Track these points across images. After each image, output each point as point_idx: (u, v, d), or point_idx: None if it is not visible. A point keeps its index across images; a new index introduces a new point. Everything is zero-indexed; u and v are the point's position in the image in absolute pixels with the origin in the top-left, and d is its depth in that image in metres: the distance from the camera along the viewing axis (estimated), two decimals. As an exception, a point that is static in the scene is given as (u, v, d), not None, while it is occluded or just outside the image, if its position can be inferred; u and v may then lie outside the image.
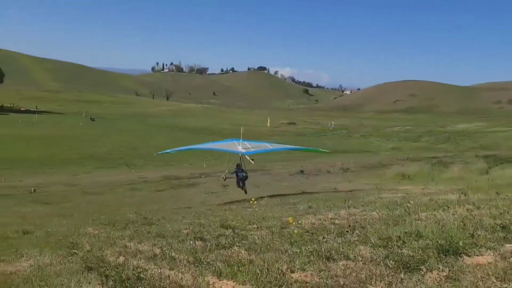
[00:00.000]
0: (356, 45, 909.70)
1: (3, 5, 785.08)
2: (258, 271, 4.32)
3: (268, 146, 22.64)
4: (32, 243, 7.59)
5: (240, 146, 19.60)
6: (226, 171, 19.29)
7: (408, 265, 4.31)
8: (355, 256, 4.79)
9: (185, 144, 31.11)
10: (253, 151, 19.94)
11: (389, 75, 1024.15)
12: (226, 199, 19.72)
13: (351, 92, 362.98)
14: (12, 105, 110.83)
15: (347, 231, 6.48)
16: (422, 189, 17.17)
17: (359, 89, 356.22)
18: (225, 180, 19.99)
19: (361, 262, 4.56)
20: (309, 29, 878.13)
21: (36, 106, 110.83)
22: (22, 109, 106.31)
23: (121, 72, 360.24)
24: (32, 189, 24.29)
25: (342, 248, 5.15)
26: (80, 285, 4.24)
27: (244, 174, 18.96)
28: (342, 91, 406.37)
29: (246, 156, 19.26)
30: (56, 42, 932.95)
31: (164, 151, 25.90)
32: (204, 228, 8.18)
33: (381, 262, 4.48)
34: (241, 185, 19.09)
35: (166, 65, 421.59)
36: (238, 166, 19.24)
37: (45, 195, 22.64)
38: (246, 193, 19.03)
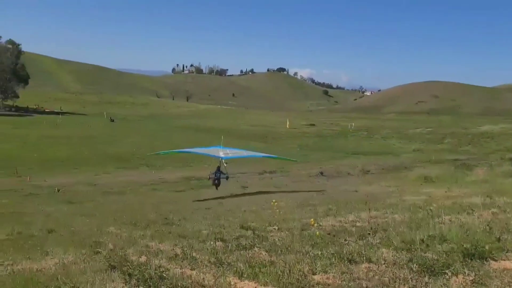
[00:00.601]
0: (377, 46, 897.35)
1: (28, 8, 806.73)
2: (279, 272, 4.32)
3: (244, 153, 26.55)
4: (56, 241, 7.76)
5: (221, 152, 22.97)
6: (210, 172, 22.64)
7: (433, 269, 4.23)
8: (377, 259, 4.74)
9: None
10: (230, 157, 23.62)
11: (411, 76, 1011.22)
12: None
13: (371, 93, 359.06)
14: (36, 106, 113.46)
15: (369, 234, 6.41)
16: (445, 192, 16.83)
17: (379, 90, 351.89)
18: (209, 179, 22.65)
19: (384, 265, 4.50)
20: (328, 29, 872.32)
21: (60, 107, 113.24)
22: (46, 110, 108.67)
23: (142, 74, 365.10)
24: (56, 188, 24.80)
25: (364, 251, 5.10)
26: (104, 283, 4.30)
27: (222, 176, 21.95)
28: (363, 92, 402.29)
29: (222, 160, 22.54)
30: (79, 44, 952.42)
31: (156, 153, 30.14)
32: (224, 229, 8.21)
33: (405, 265, 4.42)
34: (215, 183, 21.96)
35: (186, 66, 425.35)
36: (218, 168, 22.21)
37: (69, 195, 23.08)
38: (217, 189, 22.14)
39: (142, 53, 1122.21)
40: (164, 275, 4.46)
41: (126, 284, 4.27)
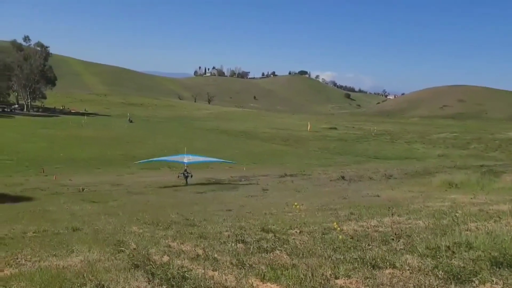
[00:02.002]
0: (400, 49, 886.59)
1: (56, 11, 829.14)
2: (302, 275, 4.29)
3: (200, 158, 34.19)
4: (81, 239, 7.91)
5: (185, 159, 31.56)
6: (179, 173, 29.90)
7: (459, 276, 4.14)
8: (401, 265, 4.66)
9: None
10: (191, 162, 31.78)
11: (436, 80, 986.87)
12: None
13: (395, 97, 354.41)
14: (63, 107, 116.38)
15: (392, 239, 6.31)
16: (471, 198, 16.42)
17: (403, 94, 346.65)
18: (178, 177, 29.55)
19: (408, 271, 4.42)
20: (351, 33, 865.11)
21: (85, 109, 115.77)
22: (72, 111, 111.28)
23: (165, 76, 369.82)
24: (81, 188, 25.35)
25: (388, 256, 5.02)
26: (128, 281, 4.36)
27: (190, 174, 29.68)
28: (386, 96, 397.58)
29: (186, 165, 30.67)
30: (105, 47, 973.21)
31: (141, 161, 35.56)
32: (245, 231, 8.21)
33: (430, 272, 4.33)
34: (186, 180, 29.34)
35: (208, 69, 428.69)
36: (185, 170, 29.89)
37: (93, 194, 23.55)
38: (187, 184, 28.99)
39: (165, 56, 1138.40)
40: (187, 275, 4.49)
41: (149, 283, 4.32)
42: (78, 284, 4.33)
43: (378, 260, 4.89)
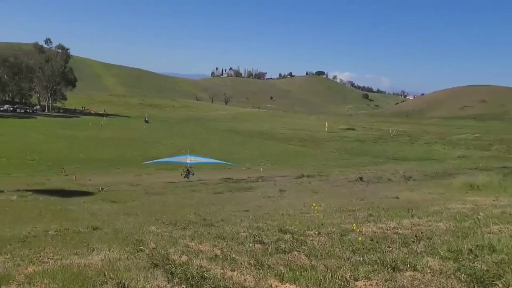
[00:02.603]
0: (420, 49, 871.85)
1: (76, 13, 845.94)
2: (321, 277, 4.26)
3: (201, 159, 36.53)
4: (101, 238, 8.02)
5: (188, 159, 34.13)
6: (182, 170, 33.10)
7: (482, 280, 4.06)
8: (422, 268, 4.59)
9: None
10: (193, 162, 34.32)
11: (456, 80, 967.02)
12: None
13: (414, 97, 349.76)
14: (83, 108, 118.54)
15: (413, 242, 6.23)
16: (493, 200, 16.09)
17: (423, 94, 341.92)
18: (181, 175, 32.46)
19: (429, 274, 4.35)
20: (369, 32, 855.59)
21: (104, 110, 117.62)
22: (92, 112, 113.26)
23: (182, 77, 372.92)
24: (100, 187, 25.73)
25: (408, 259, 4.96)
26: (148, 280, 4.40)
27: (191, 173, 32.85)
28: (405, 96, 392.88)
29: (189, 165, 33.53)
30: (123, 49, 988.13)
31: (149, 162, 36.92)
32: (262, 231, 8.20)
33: (452, 275, 4.26)
34: (188, 177, 32.19)
35: (225, 70, 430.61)
36: (188, 169, 33.04)
37: (112, 194, 23.88)
38: (188, 179, 31.89)
39: (183, 57, 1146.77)
40: (206, 275, 4.51)
41: (168, 283, 4.35)
42: (99, 282, 4.39)
43: (399, 262, 4.83)
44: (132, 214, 15.69)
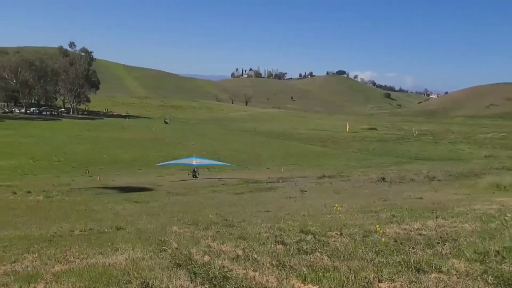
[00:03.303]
0: (443, 47, 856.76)
1: (98, 16, 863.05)
2: (344, 278, 4.23)
3: (206, 161, 38.68)
4: (125, 238, 8.15)
5: (194, 161, 36.03)
6: (189, 171, 35.19)
7: (510, 282, 3.96)
8: (448, 270, 4.50)
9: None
10: (199, 164, 36.22)
11: (481, 78, 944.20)
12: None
13: (437, 96, 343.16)
14: (106, 110, 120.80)
15: (437, 243, 6.11)
16: (521, 201, 15.63)
17: (446, 92, 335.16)
18: (188, 175, 34.55)
19: (455, 276, 4.27)
20: (390, 31, 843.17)
21: (127, 111, 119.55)
22: (114, 114, 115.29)
23: (203, 79, 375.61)
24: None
25: (433, 260, 4.87)
26: (171, 280, 4.45)
27: (197, 173, 35.00)
28: (428, 95, 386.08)
29: (195, 167, 35.45)
30: (145, 51, 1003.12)
31: (160, 164, 38.21)
32: (284, 232, 8.18)
33: (479, 277, 4.16)
34: (196, 176, 34.50)
35: (245, 71, 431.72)
36: (194, 169, 35.09)
37: (135, 195, 24.22)
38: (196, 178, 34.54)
39: (203, 59, 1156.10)
40: (228, 275, 4.53)
41: (191, 282, 4.39)
42: (124, 282, 4.46)
43: (423, 264, 4.75)
44: (154, 214, 15.87)
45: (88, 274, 4.86)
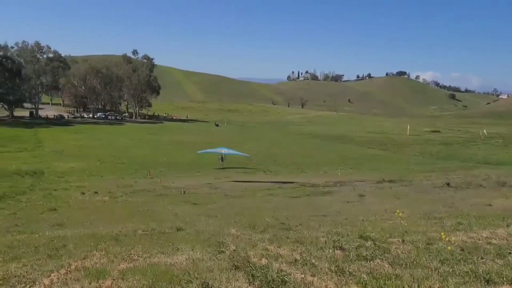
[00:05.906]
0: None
1: (160, 26, 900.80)
2: (406, 287, 4.07)
3: (231, 151, 44.00)
4: (184, 239, 8.39)
5: (223, 150, 42.94)
6: (219, 156, 42.75)
7: None
8: (522, 282, 4.19)
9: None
10: (227, 152, 42.74)
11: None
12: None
13: (508, 96, 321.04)
14: (166, 114, 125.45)
15: (509, 253, 5.71)
16: None
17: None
18: (218, 158, 42.55)
19: (531, 290, 3.96)
20: (454, 28, 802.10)
21: (186, 115, 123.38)
22: (174, 118, 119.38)
23: (259, 82, 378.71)
24: (183, 190, 26.93)
25: (505, 271, 4.55)
26: (230, 281, 4.52)
27: (224, 158, 42.09)
28: (497, 96, 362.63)
29: (223, 154, 42.51)
30: (203, 57, 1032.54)
31: (200, 151, 44.83)
32: (342, 237, 8.02)
33: (559, 293, 3.83)
34: (222, 163, 41.74)
35: (301, 73, 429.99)
36: (221, 156, 42.28)
37: (193, 196, 24.89)
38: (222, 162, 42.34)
39: (259, 63, 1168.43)
40: (286, 279, 4.52)
41: (250, 285, 4.43)
42: (185, 281, 4.59)
43: (493, 275, 4.46)
44: (212, 216, 16.24)
45: (151, 272, 5.06)
